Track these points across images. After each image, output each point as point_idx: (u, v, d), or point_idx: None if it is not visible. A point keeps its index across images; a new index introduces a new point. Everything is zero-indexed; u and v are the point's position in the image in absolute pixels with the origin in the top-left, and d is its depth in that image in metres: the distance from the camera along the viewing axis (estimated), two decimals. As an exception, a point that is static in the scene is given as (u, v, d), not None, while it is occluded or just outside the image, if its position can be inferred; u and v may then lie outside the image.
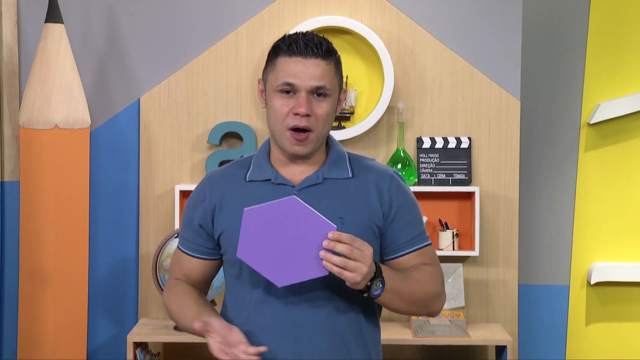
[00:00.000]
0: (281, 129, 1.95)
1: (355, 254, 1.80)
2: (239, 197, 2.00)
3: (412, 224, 2.03)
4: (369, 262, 1.82)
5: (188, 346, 3.69)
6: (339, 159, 2.03)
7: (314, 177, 1.99)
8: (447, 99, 3.63)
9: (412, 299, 1.96)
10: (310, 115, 1.94)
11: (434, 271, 2.02)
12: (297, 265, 1.82)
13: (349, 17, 3.59)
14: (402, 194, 2.02)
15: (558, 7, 3.86)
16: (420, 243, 2.03)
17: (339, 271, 1.80)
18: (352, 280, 1.81)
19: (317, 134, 1.96)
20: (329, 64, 1.96)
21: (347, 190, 1.99)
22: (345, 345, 1.97)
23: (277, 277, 1.84)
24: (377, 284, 1.87)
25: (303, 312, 1.94)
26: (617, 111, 3.78)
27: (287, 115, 1.94)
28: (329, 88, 1.95)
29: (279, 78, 1.95)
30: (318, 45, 1.95)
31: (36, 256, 3.46)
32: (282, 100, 1.95)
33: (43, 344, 3.47)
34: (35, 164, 3.45)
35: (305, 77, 1.93)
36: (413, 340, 3.38)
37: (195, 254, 2.07)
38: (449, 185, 3.59)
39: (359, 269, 1.80)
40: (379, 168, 2.05)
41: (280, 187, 1.98)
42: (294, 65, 1.94)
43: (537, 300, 3.88)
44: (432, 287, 2.00)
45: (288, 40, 1.96)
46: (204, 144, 3.64)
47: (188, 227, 2.07)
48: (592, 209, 3.86)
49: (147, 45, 3.66)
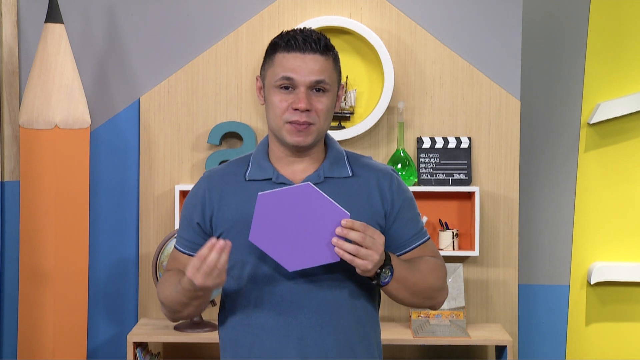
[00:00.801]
0: (280, 124, 1.95)
1: (367, 241, 1.81)
2: (239, 197, 1.99)
3: (414, 220, 2.05)
4: (381, 250, 1.83)
5: (188, 346, 3.69)
6: (338, 158, 2.03)
7: (314, 176, 1.99)
8: (447, 99, 3.63)
9: (416, 289, 1.97)
10: (310, 110, 1.93)
11: (437, 264, 2.04)
12: (309, 251, 1.84)
13: (349, 17, 3.59)
14: (402, 191, 2.04)
15: (558, 7, 3.86)
16: (422, 238, 2.05)
17: (350, 258, 1.81)
18: (363, 267, 1.82)
19: (319, 127, 1.95)
20: (327, 59, 1.96)
21: (349, 189, 1.99)
22: (350, 346, 1.97)
23: (289, 262, 1.86)
24: (386, 271, 1.88)
25: (307, 312, 1.94)
26: (617, 111, 3.78)
27: (286, 110, 1.93)
28: (328, 83, 1.95)
29: (277, 73, 1.94)
30: (316, 41, 1.94)
31: (36, 256, 3.46)
32: (281, 96, 1.94)
33: (43, 344, 3.47)
34: (35, 164, 3.45)
35: (304, 72, 1.92)
36: (413, 340, 3.38)
37: (193, 253, 2.04)
38: (449, 185, 3.59)
39: (370, 257, 1.81)
40: (378, 167, 2.05)
41: (281, 186, 1.97)
42: (293, 60, 1.93)
43: (537, 300, 3.88)
44: (436, 279, 2.01)
45: (286, 36, 1.96)
46: (204, 144, 3.64)
47: (186, 226, 2.05)
48: (592, 209, 3.86)
49: (147, 45, 3.66)
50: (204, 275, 1.81)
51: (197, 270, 1.81)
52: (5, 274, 3.62)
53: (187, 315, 2.01)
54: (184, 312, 2.00)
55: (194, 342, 3.51)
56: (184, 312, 2.00)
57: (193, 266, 1.82)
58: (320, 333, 1.94)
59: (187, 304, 1.95)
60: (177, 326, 3.44)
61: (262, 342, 1.94)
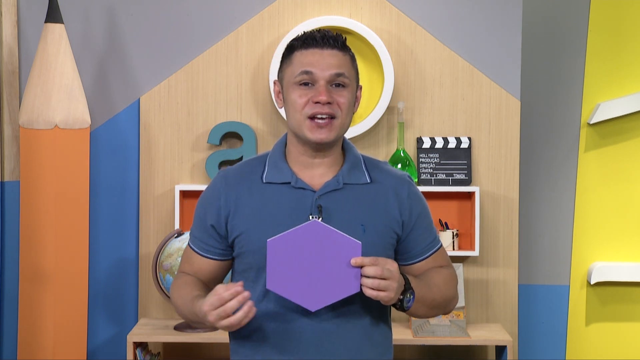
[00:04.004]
0: (300, 119, 1.92)
1: (385, 273, 1.80)
2: (257, 200, 1.96)
3: (428, 229, 2.04)
4: (397, 278, 1.83)
5: (188, 346, 3.69)
6: (356, 163, 2.01)
7: (334, 182, 1.96)
8: (447, 99, 3.63)
9: (434, 304, 1.98)
10: (332, 103, 1.91)
11: (450, 274, 2.04)
12: (328, 286, 1.82)
13: (349, 17, 3.59)
14: (418, 200, 2.02)
15: (558, 7, 3.86)
16: (435, 246, 2.05)
17: (375, 294, 1.80)
18: (386, 299, 1.82)
19: (341, 122, 1.93)
20: (345, 56, 1.96)
21: (367, 196, 1.97)
22: (361, 352, 1.95)
23: (310, 302, 1.84)
24: (408, 296, 1.88)
25: (319, 318, 1.92)
26: (617, 111, 3.78)
27: (306, 104, 1.91)
28: (347, 76, 1.93)
29: (296, 70, 1.92)
30: (334, 38, 1.95)
31: (36, 256, 3.46)
32: (300, 91, 1.92)
33: (43, 344, 3.47)
34: (35, 164, 3.45)
35: (323, 65, 1.91)
36: (413, 340, 3.38)
37: (205, 253, 2.03)
38: (449, 185, 3.59)
39: (390, 287, 1.81)
40: (395, 173, 2.03)
41: (300, 191, 1.95)
42: (311, 56, 1.92)
43: (537, 300, 3.88)
44: (450, 290, 2.02)
45: (303, 36, 1.95)
46: (204, 144, 3.64)
47: (200, 226, 2.03)
48: (592, 209, 3.86)
49: (147, 45, 3.66)
50: (218, 317, 1.80)
51: (214, 310, 1.80)
52: (5, 274, 3.62)
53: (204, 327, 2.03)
54: (194, 324, 2.01)
55: (194, 342, 3.51)
56: (194, 324, 2.02)
57: (211, 304, 1.80)
58: (332, 340, 1.92)
59: (197, 322, 1.95)
60: (177, 326, 3.44)
61: (271, 347, 1.94)
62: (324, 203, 1.92)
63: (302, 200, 1.93)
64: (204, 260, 2.04)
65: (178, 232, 3.46)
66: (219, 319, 1.80)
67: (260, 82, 3.62)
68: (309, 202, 1.94)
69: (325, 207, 1.92)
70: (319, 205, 1.93)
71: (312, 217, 1.91)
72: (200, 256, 2.04)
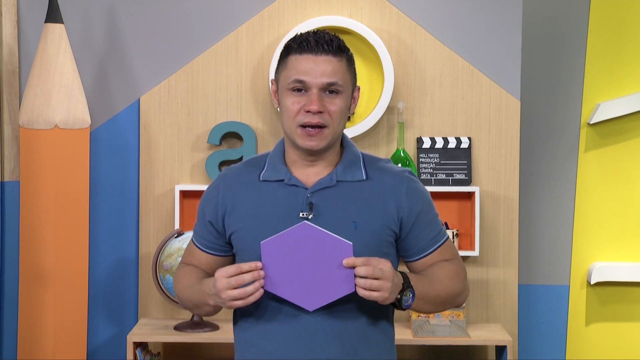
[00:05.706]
0: (292, 126, 1.94)
1: (377, 272, 1.80)
2: (252, 197, 1.98)
3: (433, 223, 2.03)
4: (391, 276, 1.82)
5: (188, 346, 3.69)
6: (354, 161, 2.01)
7: (327, 179, 1.97)
8: (447, 99, 3.63)
9: (438, 300, 1.98)
10: (323, 112, 1.92)
11: (456, 268, 2.03)
12: (323, 287, 1.83)
13: (349, 17, 3.59)
14: (419, 196, 2.01)
15: (558, 7, 3.86)
16: (440, 240, 2.03)
17: (368, 294, 1.81)
18: (380, 298, 1.82)
19: (332, 130, 1.94)
20: (340, 61, 1.95)
21: (361, 194, 1.97)
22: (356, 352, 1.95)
23: (307, 302, 1.85)
24: (407, 294, 1.87)
25: (316, 316, 1.92)
26: (617, 111, 3.78)
27: (299, 112, 1.93)
28: (341, 84, 1.94)
29: (290, 76, 1.93)
30: (329, 42, 1.94)
31: (36, 256, 3.46)
32: (293, 98, 1.93)
33: (43, 344, 3.47)
34: (35, 164, 3.45)
35: (316, 73, 1.91)
36: (413, 340, 3.38)
37: (205, 248, 2.08)
38: (449, 185, 3.59)
39: (383, 287, 1.81)
40: (394, 171, 2.02)
41: (292, 188, 1.96)
42: (305, 62, 1.92)
43: (537, 300, 3.88)
44: (456, 284, 2.01)
45: (299, 38, 1.95)
46: (204, 144, 3.64)
47: (200, 222, 2.09)
48: (592, 209, 3.86)
49: (147, 45, 3.66)
50: (229, 285, 1.83)
51: (228, 277, 1.84)
52: (5, 274, 3.62)
53: (204, 313, 2.02)
54: (198, 311, 2.03)
55: (194, 342, 3.51)
56: (198, 311, 2.03)
57: (227, 271, 1.84)
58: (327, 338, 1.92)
59: (202, 305, 1.97)
60: (177, 326, 3.44)
61: (269, 344, 1.94)
62: (315, 200, 1.93)
63: (294, 197, 1.95)
64: (204, 255, 2.09)
65: (178, 232, 3.46)
66: (229, 287, 1.83)
67: (260, 82, 3.62)
68: (301, 199, 1.95)
69: (317, 204, 1.93)
70: (309, 203, 1.93)
71: (303, 214, 1.92)
72: (201, 251, 2.09)
